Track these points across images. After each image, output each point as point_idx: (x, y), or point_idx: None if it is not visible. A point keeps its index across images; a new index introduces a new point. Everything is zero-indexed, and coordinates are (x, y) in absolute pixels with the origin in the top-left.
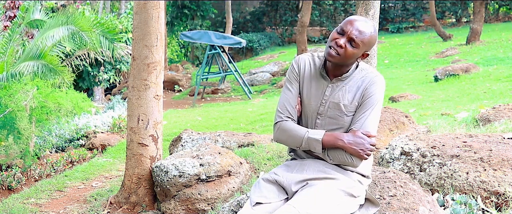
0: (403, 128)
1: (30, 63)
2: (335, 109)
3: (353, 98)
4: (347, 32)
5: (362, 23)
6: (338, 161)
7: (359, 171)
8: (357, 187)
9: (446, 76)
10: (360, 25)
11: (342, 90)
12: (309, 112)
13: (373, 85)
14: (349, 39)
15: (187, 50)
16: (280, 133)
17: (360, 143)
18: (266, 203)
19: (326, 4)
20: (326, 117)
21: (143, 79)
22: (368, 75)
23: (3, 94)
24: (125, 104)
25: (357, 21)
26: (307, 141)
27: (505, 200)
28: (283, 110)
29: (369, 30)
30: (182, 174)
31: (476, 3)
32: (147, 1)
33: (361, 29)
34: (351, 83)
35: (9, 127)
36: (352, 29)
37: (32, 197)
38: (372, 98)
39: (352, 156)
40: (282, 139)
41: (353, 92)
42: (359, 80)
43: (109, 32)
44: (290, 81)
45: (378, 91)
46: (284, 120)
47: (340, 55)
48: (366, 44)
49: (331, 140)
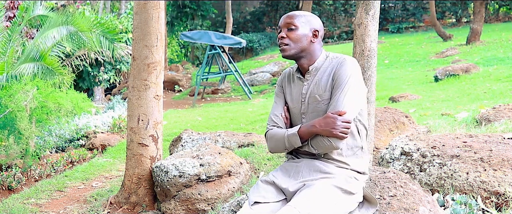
0: (403, 128)
1: (30, 65)
2: (314, 102)
3: (326, 85)
4: (282, 24)
5: (293, 12)
6: (321, 147)
7: (355, 168)
8: (354, 184)
9: (446, 77)
10: (291, 13)
11: (315, 82)
12: (295, 115)
13: (341, 67)
14: (286, 27)
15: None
16: (269, 141)
17: (330, 123)
18: (264, 203)
19: (326, 4)
20: (309, 113)
21: (143, 79)
22: (336, 60)
23: (3, 95)
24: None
25: (287, 13)
26: (287, 139)
27: (505, 200)
28: (269, 121)
29: (302, 12)
30: (182, 174)
31: (476, 3)
32: (147, 1)
33: (290, 14)
34: (323, 73)
35: (9, 127)
36: (284, 18)
37: (32, 197)
38: (340, 78)
39: (329, 139)
40: (272, 146)
41: (325, 80)
42: (329, 68)
43: (109, 32)
44: (277, 95)
45: (347, 71)
46: (269, 129)
47: (288, 44)
48: (305, 22)
49: (306, 129)
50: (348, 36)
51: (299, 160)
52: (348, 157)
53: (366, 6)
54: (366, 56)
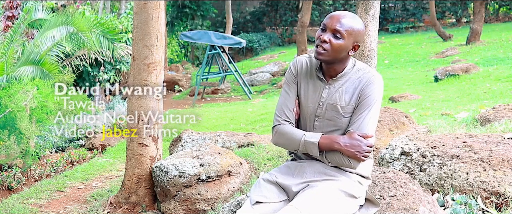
0: (403, 128)
1: (29, 68)
2: (333, 111)
3: (350, 99)
4: (329, 26)
5: (344, 15)
6: (336, 163)
7: (359, 172)
8: (357, 188)
9: (446, 77)
10: (342, 17)
11: (338, 91)
12: (307, 114)
13: (370, 85)
14: (332, 32)
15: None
16: (278, 136)
17: (357, 145)
18: (266, 203)
19: (326, 4)
20: (324, 118)
21: (143, 79)
22: (365, 75)
23: (3, 95)
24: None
25: (338, 14)
26: (304, 144)
27: (505, 200)
28: (280, 113)
29: (353, 21)
30: (182, 174)
31: (476, 3)
32: (147, 1)
33: (343, 21)
34: (348, 84)
35: (9, 127)
36: (334, 21)
37: (32, 197)
38: (369, 98)
39: (349, 158)
40: (280, 143)
41: (350, 93)
42: (356, 80)
43: (109, 32)
44: (288, 84)
45: (376, 92)
46: (282, 124)
47: (327, 51)
48: (352, 34)
49: (328, 142)
50: None
51: (302, 160)
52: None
53: (366, 6)
54: (366, 56)
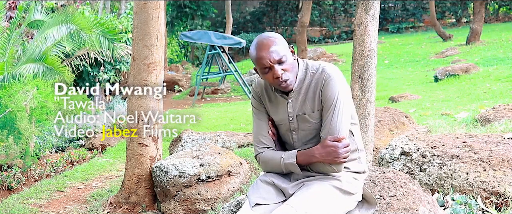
0: (403, 128)
1: (31, 65)
2: (304, 121)
3: (314, 105)
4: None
5: (266, 43)
6: (321, 171)
7: (354, 170)
8: (353, 184)
9: (446, 77)
10: (268, 46)
11: (301, 101)
12: (283, 131)
13: (326, 86)
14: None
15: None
16: (263, 165)
17: (332, 152)
18: (265, 205)
19: (326, 4)
20: (299, 130)
21: (143, 79)
22: (320, 76)
23: (3, 95)
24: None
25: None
26: (284, 166)
27: (505, 200)
28: (257, 142)
29: (273, 41)
30: (182, 174)
31: (476, 3)
32: (147, 1)
33: (273, 49)
34: (307, 91)
35: (9, 127)
36: (268, 55)
37: (32, 197)
38: (329, 99)
39: (330, 165)
40: (267, 169)
41: (311, 99)
42: (313, 84)
43: (109, 32)
44: (256, 109)
45: (334, 89)
46: (260, 152)
47: (289, 79)
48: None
49: (305, 158)
50: (348, 36)
51: None
52: (347, 162)
53: (366, 6)
54: (366, 56)
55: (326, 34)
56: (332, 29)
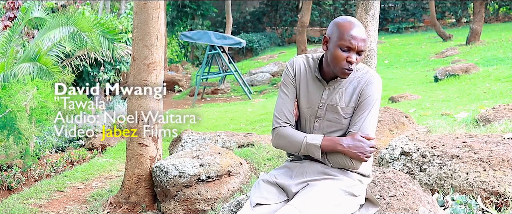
0: (403, 128)
1: (26, 64)
2: (333, 112)
3: (350, 100)
4: (354, 47)
5: (361, 29)
6: (338, 164)
7: (360, 171)
8: (358, 186)
9: (446, 77)
10: (362, 33)
11: (338, 92)
12: (307, 115)
13: (369, 86)
14: (358, 53)
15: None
16: (278, 139)
17: (360, 146)
18: (266, 204)
19: (326, 4)
20: (324, 119)
21: (143, 80)
22: (364, 75)
23: (3, 95)
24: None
25: (359, 31)
26: (305, 146)
27: (505, 200)
28: (280, 115)
29: (365, 34)
30: (182, 174)
31: (476, 3)
32: (147, 1)
33: (365, 38)
34: (347, 85)
35: (9, 127)
36: (358, 42)
37: (32, 197)
38: (369, 99)
39: (352, 159)
40: (281, 145)
41: (350, 94)
42: (355, 81)
43: (109, 32)
44: (286, 85)
45: (375, 92)
46: (282, 126)
47: (353, 70)
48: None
49: (330, 144)
50: None
51: (302, 160)
52: None
53: (366, 6)
54: (366, 56)
55: None
56: None
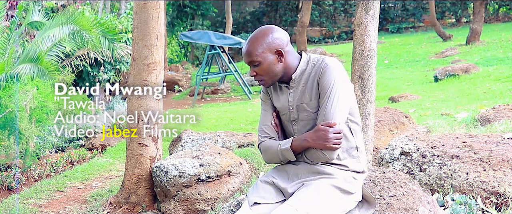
0: (403, 128)
1: (26, 65)
2: (303, 111)
3: (311, 94)
4: (246, 62)
5: (246, 43)
6: (316, 159)
7: (353, 168)
8: (353, 183)
9: (446, 77)
10: (245, 47)
11: (301, 90)
12: (285, 122)
13: (323, 74)
14: (251, 65)
15: (187, 50)
16: (263, 154)
17: (322, 136)
18: (264, 204)
19: (326, 4)
20: (299, 121)
21: (143, 80)
22: (318, 66)
23: (3, 95)
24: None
25: (244, 47)
26: (281, 153)
27: (505, 200)
28: (261, 131)
29: (250, 44)
30: (182, 174)
31: (476, 3)
32: (147, 1)
33: (245, 52)
34: (307, 80)
35: (9, 127)
36: (243, 57)
37: (32, 197)
38: (325, 87)
39: (322, 151)
40: (267, 159)
41: (310, 88)
42: (313, 74)
43: (109, 32)
44: (263, 101)
45: (330, 77)
46: (262, 141)
47: (263, 80)
48: (263, 51)
49: (299, 143)
50: (348, 36)
51: (297, 162)
52: (345, 159)
53: (366, 6)
54: (366, 56)
55: (326, 34)
56: (332, 29)
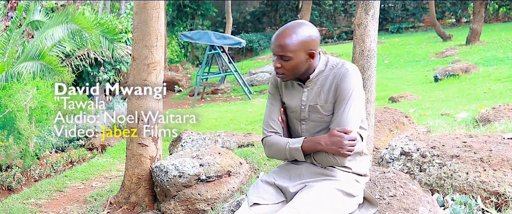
0: (403, 128)
1: (29, 63)
2: (315, 112)
3: (328, 97)
4: (274, 52)
5: (280, 35)
6: (325, 163)
7: (356, 171)
8: (355, 186)
9: (446, 77)
10: (279, 39)
11: (316, 91)
12: (293, 119)
13: (343, 79)
14: (279, 58)
15: (187, 50)
16: (267, 148)
17: (337, 142)
18: (264, 204)
19: (326, 4)
20: (309, 121)
21: (143, 80)
22: (338, 70)
23: (3, 95)
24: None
25: (276, 37)
26: (289, 151)
27: (505, 200)
28: (266, 126)
29: (289, 37)
30: (182, 174)
31: (476, 3)
32: (147, 1)
33: (282, 43)
34: (324, 82)
35: (9, 127)
36: (275, 47)
37: (32, 197)
38: (344, 92)
39: (334, 156)
40: (271, 154)
41: (327, 91)
42: (331, 77)
43: (109, 32)
44: (271, 95)
45: (350, 84)
46: (268, 136)
47: (284, 74)
48: (298, 49)
49: (310, 145)
50: (348, 36)
51: (300, 162)
52: (350, 161)
53: (366, 6)
54: (366, 56)
55: (326, 34)
56: (332, 29)
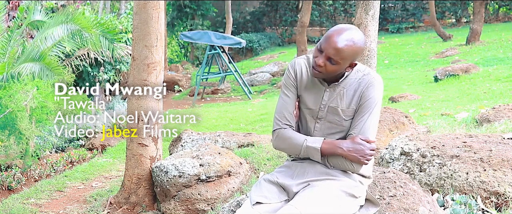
0: (403, 128)
1: (29, 64)
2: (334, 114)
3: (351, 102)
4: (325, 51)
5: (340, 38)
6: (339, 167)
7: (361, 172)
8: (359, 188)
9: (446, 77)
10: (338, 42)
11: (339, 94)
12: (307, 116)
13: (369, 88)
14: (327, 58)
15: (187, 51)
16: (279, 141)
17: (360, 150)
18: (266, 203)
19: (326, 5)
20: (325, 121)
21: (143, 80)
22: (365, 77)
23: (3, 95)
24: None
25: (334, 37)
26: (305, 149)
27: (505, 200)
28: (281, 117)
29: (348, 45)
30: (182, 174)
31: (476, 3)
32: (147, 1)
33: (338, 47)
34: (348, 87)
35: (10, 127)
36: (329, 47)
37: (32, 197)
38: (369, 101)
39: (352, 163)
40: (281, 147)
41: (350, 96)
42: (356, 83)
43: (109, 32)
44: (287, 87)
45: (376, 94)
46: (282, 128)
47: (322, 73)
48: (347, 58)
49: (330, 148)
50: None
51: (303, 160)
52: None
53: (366, 6)
54: (366, 56)
55: None
56: None
